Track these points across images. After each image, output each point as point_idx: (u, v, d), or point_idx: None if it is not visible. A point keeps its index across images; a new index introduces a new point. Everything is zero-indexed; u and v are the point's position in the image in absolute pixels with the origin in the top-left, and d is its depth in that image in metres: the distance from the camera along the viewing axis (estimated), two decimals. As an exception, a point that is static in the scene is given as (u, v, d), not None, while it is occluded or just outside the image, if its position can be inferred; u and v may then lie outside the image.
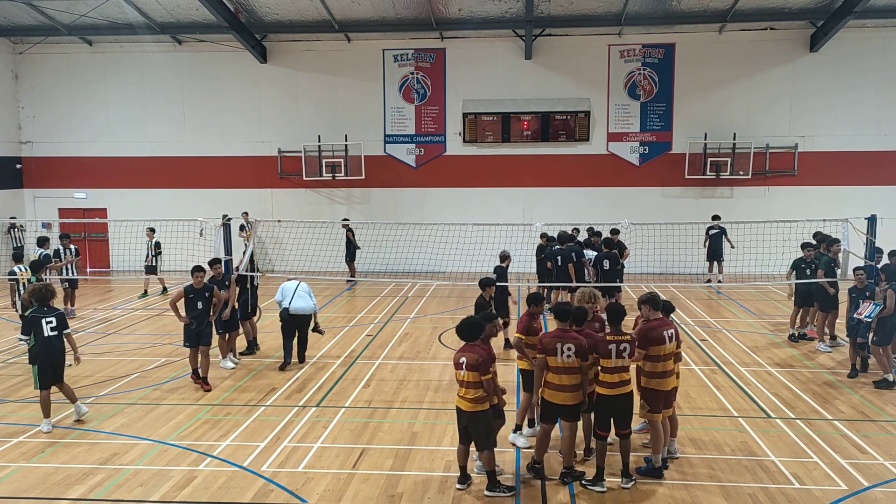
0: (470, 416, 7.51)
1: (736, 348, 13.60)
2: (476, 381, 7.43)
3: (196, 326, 11.25)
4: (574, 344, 7.68)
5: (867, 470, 8.21)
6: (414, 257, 18.13)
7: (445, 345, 14.01)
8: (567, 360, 7.67)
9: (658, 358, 7.98)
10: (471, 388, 7.46)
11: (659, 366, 8.00)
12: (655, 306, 8.20)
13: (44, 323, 9.54)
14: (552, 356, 7.72)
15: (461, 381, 7.55)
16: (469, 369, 7.42)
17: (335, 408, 10.42)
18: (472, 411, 7.50)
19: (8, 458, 8.69)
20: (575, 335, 7.79)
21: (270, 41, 23.01)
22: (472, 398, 7.47)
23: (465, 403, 7.52)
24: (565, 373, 7.70)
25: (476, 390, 7.45)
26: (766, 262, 17.08)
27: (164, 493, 7.75)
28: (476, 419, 7.52)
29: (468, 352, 7.51)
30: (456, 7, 20.96)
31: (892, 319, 11.06)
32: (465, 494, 7.68)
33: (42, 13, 21.46)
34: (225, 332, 12.43)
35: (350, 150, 22.54)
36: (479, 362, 7.40)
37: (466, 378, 7.46)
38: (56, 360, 9.67)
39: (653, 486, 7.87)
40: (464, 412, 7.55)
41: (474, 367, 7.40)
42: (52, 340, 9.59)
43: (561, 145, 22.40)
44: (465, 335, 7.65)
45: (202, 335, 11.30)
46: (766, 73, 21.84)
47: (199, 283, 11.34)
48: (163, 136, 23.50)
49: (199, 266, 11.52)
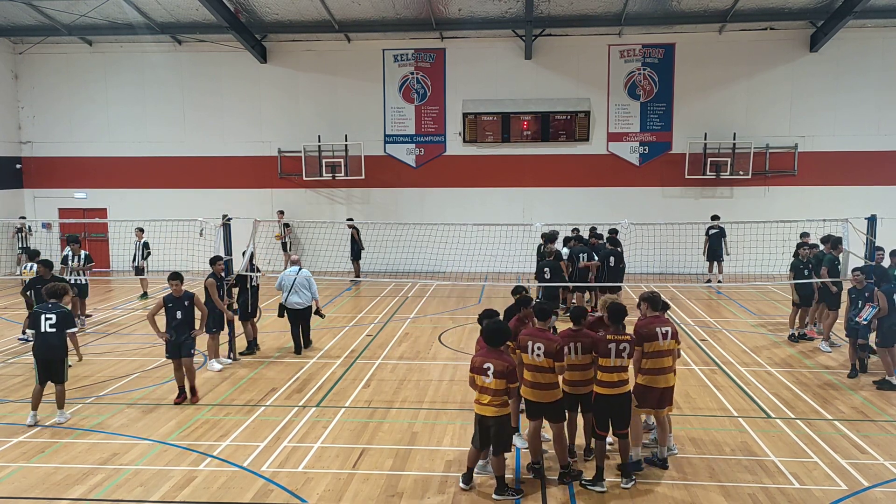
0: (496, 420, 7.44)
1: (736, 348, 13.60)
2: (502, 389, 7.37)
3: (176, 338, 10.55)
4: (544, 344, 7.64)
5: (867, 470, 8.20)
6: (414, 257, 18.13)
7: (445, 345, 14.01)
8: (536, 359, 7.67)
9: (650, 355, 7.99)
10: (497, 395, 7.39)
11: (648, 363, 8.01)
12: (654, 305, 8.23)
13: (42, 318, 9.64)
14: (524, 353, 7.76)
15: (483, 388, 7.43)
16: (497, 377, 7.33)
17: (335, 408, 10.41)
18: (498, 416, 7.43)
19: (8, 458, 8.69)
20: (549, 336, 7.75)
21: (270, 41, 23.02)
22: (498, 404, 7.41)
23: (491, 409, 7.42)
24: (537, 371, 7.70)
25: (502, 396, 7.41)
26: (766, 262, 17.09)
27: (164, 493, 7.75)
28: (503, 424, 7.49)
29: (495, 359, 7.39)
30: (456, 7, 20.96)
31: (889, 320, 11.06)
32: (465, 494, 7.68)
33: (42, 13, 21.46)
34: (217, 332, 12.31)
35: (350, 150, 22.54)
36: (508, 371, 7.32)
37: (493, 385, 7.36)
38: (52, 357, 9.67)
39: (653, 485, 7.87)
40: (491, 418, 7.45)
41: (503, 376, 7.32)
42: (48, 337, 9.62)
43: (561, 145, 22.41)
44: (491, 340, 7.52)
45: (183, 346, 10.60)
46: (766, 73, 21.85)
47: (177, 292, 10.61)
48: (163, 136, 23.51)
49: (175, 273, 10.75)
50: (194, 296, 10.79)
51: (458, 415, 10.02)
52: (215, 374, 12.11)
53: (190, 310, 10.67)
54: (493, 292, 19.41)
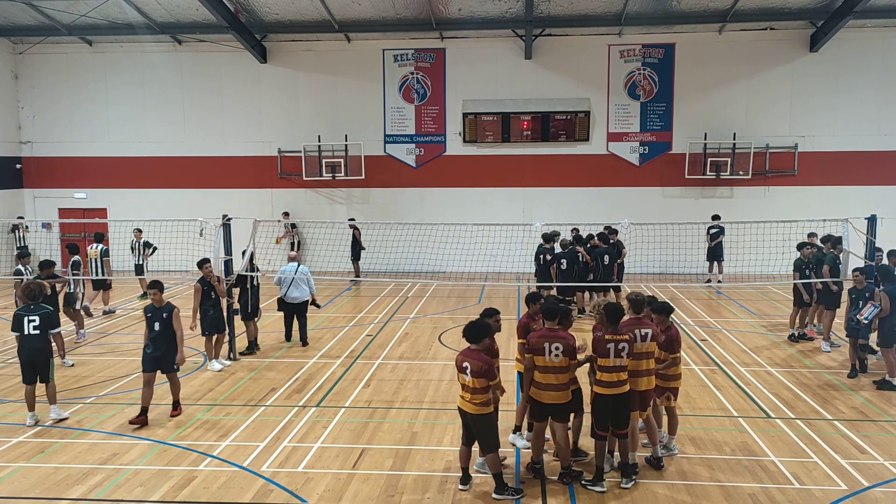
0: (474, 418, 7.48)
1: (736, 348, 13.60)
2: (482, 387, 7.39)
3: (152, 350, 9.74)
4: (562, 343, 7.65)
5: (867, 470, 8.21)
6: (414, 257, 18.13)
7: (445, 345, 14.01)
8: (555, 360, 7.65)
9: None
10: (477, 393, 7.41)
11: None
12: (634, 307, 8.22)
13: (26, 321, 9.67)
14: (539, 355, 7.70)
15: (465, 385, 7.51)
16: (474, 376, 7.37)
17: (335, 408, 10.41)
18: (477, 414, 7.46)
19: (8, 458, 8.69)
20: (563, 334, 7.77)
21: (270, 41, 23.02)
22: (478, 402, 7.44)
23: (471, 406, 7.48)
24: (552, 372, 7.69)
25: (482, 395, 7.42)
26: (766, 262, 17.08)
27: (164, 493, 7.75)
28: (481, 422, 7.49)
29: (472, 358, 7.43)
30: (456, 7, 20.96)
31: (890, 320, 11.07)
32: (465, 494, 7.68)
33: (42, 13, 21.46)
34: (212, 335, 12.27)
35: (350, 150, 22.54)
36: (483, 370, 7.35)
37: (472, 384, 7.41)
38: (37, 358, 9.68)
39: (653, 486, 7.87)
40: (468, 414, 7.52)
41: (479, 375, 7.35)
42: (31, 339, 9.64)
43: (561, 145, 22.40)
44: (470, 336, 7.56)
45: (160, 361, 9.79)
46: (766, 73, 21.85)
47: (157, 302, 9.87)
48: (163, 136, 23.51)
49: (155, 282, 10.06)
50: (174, 311, 9.89)
51: (457, 415, 9.96)
52: (215, 374, 12.10)
53: (169, 322, 9.82)
54: (493, 292, 19.42)
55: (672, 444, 8.64)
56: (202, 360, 12.84)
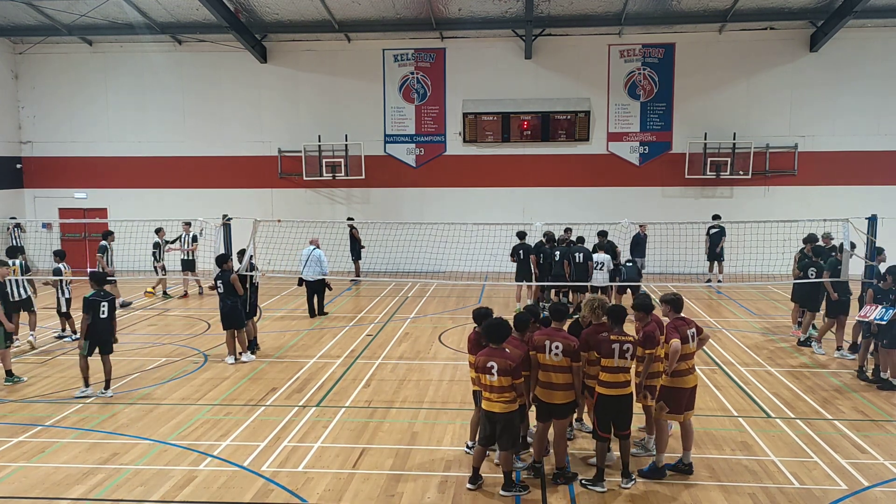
0: (505, 417, 7.45)
1: (736, 348, 13.60)
2: (508, 385, 7.37)
3: None
4: (562, 343, 7.66)
5: (867, 470, 8.21)
6: (414, 257, 18.13)
7: (445, 345, 14.01)
8: (554, 359, 7.66)
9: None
10: (504, 392, 7.40)
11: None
12: (674, 306, 8.47)
13: (100, 306, 10.86)
14: (541, 353, 7.73)
15: (489, 386, 7.43)
16: (501, 374, 7.33)
17: (335, 408, 10.42)
18: (507, 412, 7.44)
19: (8, 458, 8.69)
20: (565, 335, 7.77)
21: (270, 41, 23.01)
22: (506, 400, 7.42)
23: (500, 406, 7.43)
24: (554, 371, 7.69)
25: (509, 393, 7.42)
26: (766, 262, 17.08)
27: (165, 493, 7.75)
28: (511, 420, 7.50)
29: (497, 357, 7.38)
30: (456, 7, 20.96)
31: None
32: (465, 494, 7.68)
33: (42, 13, 21.46)
34: (232, 329, 12.54)
35: (350, 150, 22.53)
36: (511, 368, 7.32)
37: (497, 383, 7.36)
38: (104, 337, 11.04)
39: (653, 485, 7.87)
40: (499, 414, 7.45)
41: (507, 373, 7.32)
42: (104, 322, 10.97)
43: (561, 145, 22.40)
44: (494, 337, 7.51)
45: None
46: (766, 73, 21.84)
47: None
48: (163, 136, 23.49)
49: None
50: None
51: (457, 415, 10.02)
52: (215, 374, 12.10)
53: None
54: (492, 292, 19.42)
55: (651, 444, 8.60)
56: (202, 361, 12.85)
